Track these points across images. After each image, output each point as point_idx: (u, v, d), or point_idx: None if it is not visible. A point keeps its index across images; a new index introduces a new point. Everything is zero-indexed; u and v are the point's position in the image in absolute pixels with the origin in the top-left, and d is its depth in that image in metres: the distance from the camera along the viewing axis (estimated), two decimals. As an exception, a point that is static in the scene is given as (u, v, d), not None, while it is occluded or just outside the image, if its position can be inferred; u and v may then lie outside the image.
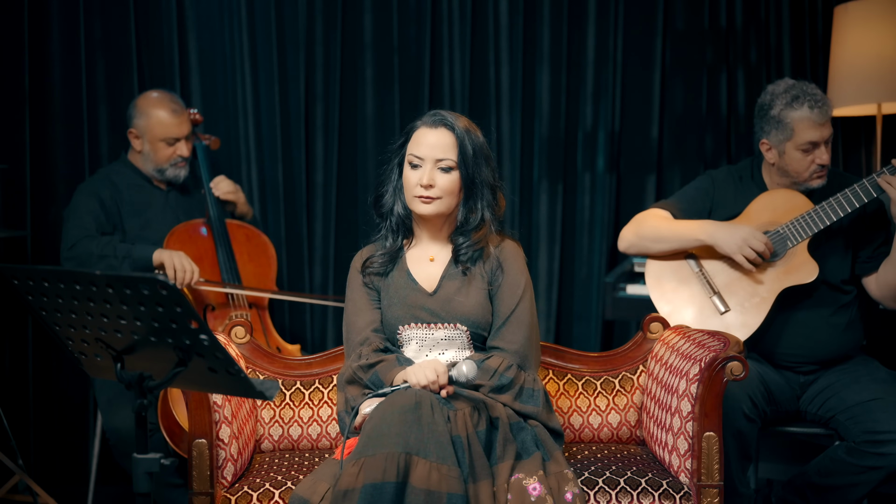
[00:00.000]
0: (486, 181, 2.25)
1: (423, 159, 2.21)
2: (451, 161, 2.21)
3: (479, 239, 2.27)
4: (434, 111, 2.27)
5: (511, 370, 2.18)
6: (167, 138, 3.13)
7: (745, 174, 2.81)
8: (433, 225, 2.30)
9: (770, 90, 2.72)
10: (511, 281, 2.26)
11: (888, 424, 2.47)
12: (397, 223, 2.32)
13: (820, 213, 2.62)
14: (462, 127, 2.23)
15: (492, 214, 2.28)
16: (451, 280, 2.27)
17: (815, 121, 2.62)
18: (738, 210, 2.73)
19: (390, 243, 2.33)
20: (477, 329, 2.24)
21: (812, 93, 2.64)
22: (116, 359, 1.71)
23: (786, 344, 2.68)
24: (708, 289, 2.70)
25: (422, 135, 2.23)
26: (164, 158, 3.16)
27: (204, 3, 3.60)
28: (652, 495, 2.14)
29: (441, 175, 2.21)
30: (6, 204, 3.48)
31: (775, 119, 2.66)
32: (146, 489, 1.71)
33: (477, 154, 2.23)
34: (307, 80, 3.61)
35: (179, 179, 3.21)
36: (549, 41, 3.58)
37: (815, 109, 2.62)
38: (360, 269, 2.33)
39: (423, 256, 2.31)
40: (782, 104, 2.65)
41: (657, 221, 2.76)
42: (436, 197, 2.21)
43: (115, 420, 2.97)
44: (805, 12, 3.46)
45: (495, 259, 2.28)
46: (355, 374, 2.20)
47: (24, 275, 1.66)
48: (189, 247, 3.11)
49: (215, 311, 3.08)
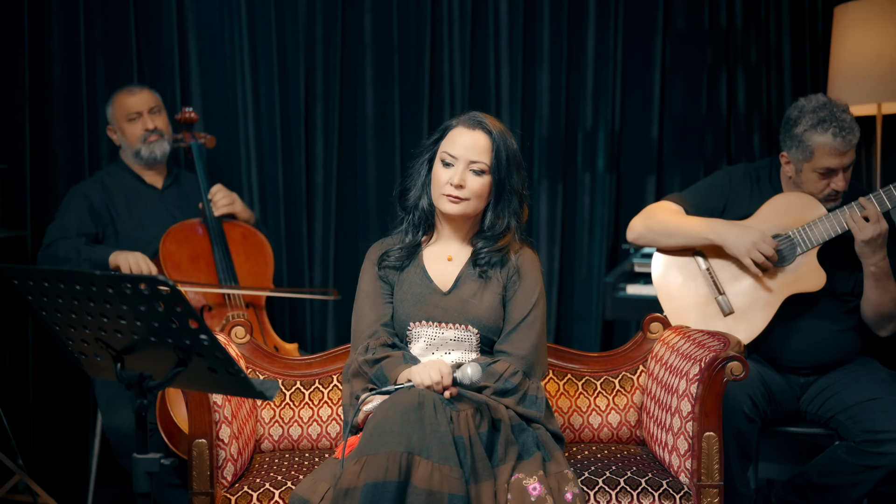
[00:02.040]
0: (516, 189, 2.25)
1: (456, 158, 2.21)
2: (484, 164, 2.20)
3: (503, 246, 2.26)
4: (472, 112, 2.26)
5: (517, 376, 2.18)
6: (129, 115, 3.21)
7: (762, 174, 2.77)
8: (457, 225, 2.29)
9: (800, 105, 2.64)
10: (527, 288, 2.26)
11: (888, 424, 2.46)
12: (420, 218, 2.31)
13: (833, 220, 2.58)
14: (498, 132, 2.22)
15: (517, 222, 2.28)
16: (467, 281, 2.27)
17: (838, 149, 2.55)
18: (752, 210, 2.70)
19: (410, 238, 2.32)
20: (488, 333, 2.24)
21: (840, 118, 2.56)
22: (116, 359, 1.71)
23: (787, 350, 2.66)
24: (714, 289, 2.68)
25: (458, 134, 2.23)
26: (134, 138, 3.21)
27: (204, 3, 3.59)
28: (652, 495, 2.14)
29: (472, 177, 2.20)
30: (6, 204, 3.48)
31: (797, 138, 2.60)
32: (146, 489, 1.71)
33: (510, 161, 2.23)
34: (307, 80, 3.60)
35: (157, 157, 3.23)
36: (549, 41, 3.57)
37: (840, 138, 2.54)
38: (375, 262, 2.32)
39: (441, 255, 2.31)
40: (807, 124, 2.58)
41: (667, 215, 2.73)
42: (464, 198, 2.21)
43: (115, 420, 2.97)
44: (805, 12, 3.46)
45: (514, 265, 2.28)
46: (361, 367, 2.20)
47: (24, 275, 1.66)
48: (185, 246, 3.11)
49: (212, 311, 3.08)
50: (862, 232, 2.52)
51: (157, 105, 3.27)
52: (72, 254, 3.00)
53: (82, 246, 3.03)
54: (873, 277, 2.56)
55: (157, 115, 3.25)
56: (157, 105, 3.27)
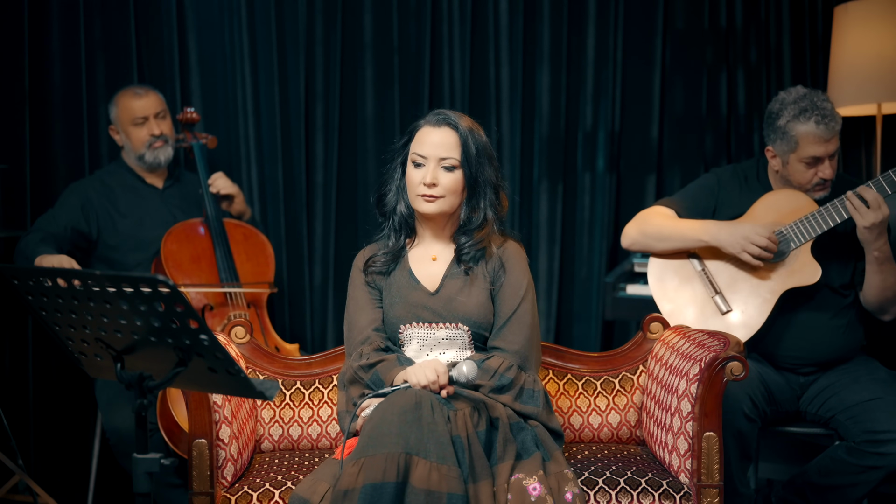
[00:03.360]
0: (489, 180, 2.26)
1: (426, 158, 2.21)
2: (454, 160, 2.21)
3: (481, 238, 2.27)
4: (437, 110, 2.27)
5: (511, 370, 2.18)
6: (135, 119, 3.19)
7: (750, 174, 2.80)
8: (436, 224, 2.30)
9: (781, 98, 2.69)
10: (513, 281, 2.26)
11: (887, 424, 2.47)
12: (400, 222, 2.32)
13: (824, 214, 2.61)
14: (465, 126, 2.23)
15: (494, 214, 2.28)
16: (453, 279, 2.27)
17: (822, 136, 2.59)
18: (743, 210, 2.72)
19: (393, 242, 2.33)
20: (478, 329, 2.24)
21: (821, 106, 2.61)
22: (116, 359, 1.71)
23: (786, 345, 2.67)
24: (710, 288, 2.70)
25: (425, 134, 2.24)
26: (139, 142, 3.20)
27: (204, 3, 3.59)
28: (652, 495, 2.14)
29: (444, 174, 2.21)
30: (6, 204, 3.48)
31: (781, 129, 2.64)
32: (146, 489, 1.71)
33: (480, 153, 2.23)
34: (307, 80, 3.60)
35: (161, 162, 3.23)
36: (549, 41, 3.57)
37: (822, 125, 2.59)
38: (362, 268, 2.33)
39: (425, 256, 2.32)
40: (790, 115, 2.63)
41: (660, 220, 2.75)
42: (439, 196, 2.21)
43: (115, 420, 2.97)
44: (805, 12, 3.46)
45: (498, 259, 2.28)
46: (356, 373, 2.20)
47: (24, 275, 1.66)
48: (186, 246, 3.11)
49: (213, 311, 3.08)
50: (864, 218, 2.53)
51: (163, 109, 3.26)
52: (28, 251, 2.98)
53: (36, 244, 2.99)
54: (877, 262, 2.58)
55: (164, 120, 3.25)
56: (163, 109, 3.26)
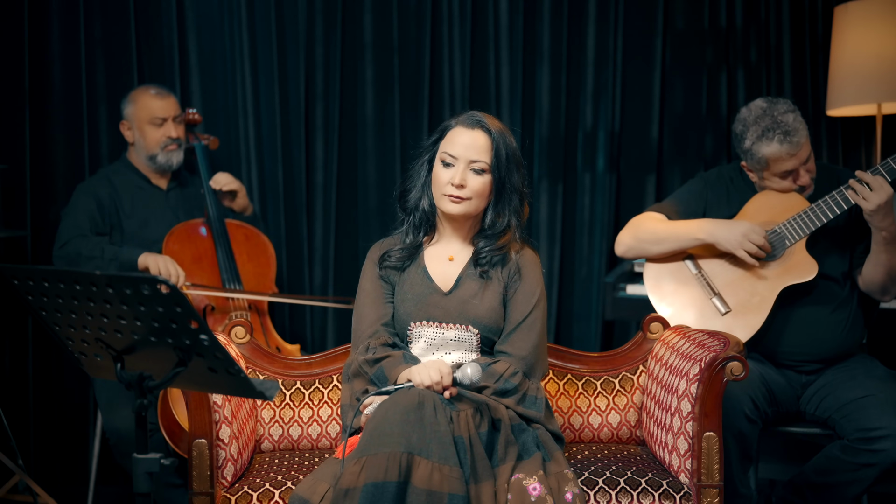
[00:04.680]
0: (516, 187, 2.25)
1: (456, 158, 2.21)
2: (484, 163, 2.21)
3: (503, 244, 2.26)
4: (471, 112, 2.26)
5: (517, 376, 2.18)
6: (154, 119, 3.19)
7: (734, 175, 2.81)
8: (458, 225, 2.29)
9: (742, 118, 2.67)
10: (527, 288, 2.26)
11: (879, 421, 2.46)
12: (421, 219, 2.31)
13: (816, 211, 2.62)
14: (497, 130, 2.23)
15: (517, 221, 2.28)
16: (468, 281, 2.27)
17: (788, 152, 2.59)
18: (734, 211, 2.73)
19: (411, 239, 2.32)
20: (488, 333, 2.24)
21: (782, 122, 2.58)
22: (116, 359, 1.71)
23: (787, 343, 2.68)
24: (708, 290, 2.70)
25: (457, 134, 2.23)
26: (153, 142, 3.20)
27: (204, 3, 3.59)
28: (652, 495, 2.14)
29: (473, 176, 2.21)
30: (6, 204, 3.48)
31: (748, 152, 2.65)
32: (146, 489, 1.71)
33: (510, 159, 2.23)
34: (307, 80, 3.60)
35: (173, 165, 3.23)
36: (549, 41, 3.58)
37: (787, 143, 2.58)
38: (376, 262, 2.33)
39: (442, 255, 2.31)
40: (753, 138, 2.61)
41: (654, 224, 2.76)
42: (466, 198, 2.21)
43: (115, 420, 2.97)
44: (805, 12, 3.47)
45: (515, 265, 2.28)
46: (361, 367, 2.20)
47: (24, 275, 1.66)
48: (188, 246, 3.11)
49: (215, 312, 3.08)
50: (869, 201, 2.53)
51: (180, 114, 3.27)
52: (95, 252, 2.99)
53: (106, 245, 3.02)
54: (884, 241, 2.58)
55: (179, 125, 3.26)
56: (180, 114, 3.27)
